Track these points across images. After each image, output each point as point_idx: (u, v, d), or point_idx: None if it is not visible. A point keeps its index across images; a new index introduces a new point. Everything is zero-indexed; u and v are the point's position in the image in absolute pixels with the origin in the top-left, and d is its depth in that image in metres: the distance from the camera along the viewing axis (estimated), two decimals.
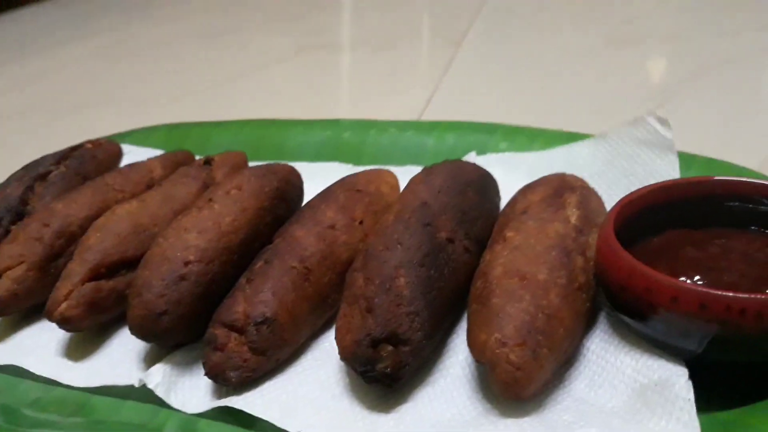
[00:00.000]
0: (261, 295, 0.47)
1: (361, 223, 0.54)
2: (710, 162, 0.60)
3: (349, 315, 0.44)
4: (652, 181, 0.56)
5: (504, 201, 0.57)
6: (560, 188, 0.51)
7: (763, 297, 0.37)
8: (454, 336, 0.48)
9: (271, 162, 0.73)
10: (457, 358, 0.46)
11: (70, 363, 0.52)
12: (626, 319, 0.43)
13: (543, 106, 0.87)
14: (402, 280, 0.44)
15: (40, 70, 1.46)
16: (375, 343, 0.42)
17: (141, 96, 1.20)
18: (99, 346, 0.53)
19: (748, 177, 0.54)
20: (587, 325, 0.45)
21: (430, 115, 0.90)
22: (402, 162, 0.71)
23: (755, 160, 0.65)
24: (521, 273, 0.43)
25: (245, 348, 0.45)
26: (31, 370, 0.51)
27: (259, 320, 0.45)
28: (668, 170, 0.57)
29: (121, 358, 0.51)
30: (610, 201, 0.51)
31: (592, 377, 0.43)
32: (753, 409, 0.38)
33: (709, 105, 0.83)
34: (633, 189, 0.57)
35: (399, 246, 0.46)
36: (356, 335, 0.42)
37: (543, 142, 0.67)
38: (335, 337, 0.44)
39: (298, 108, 1.04)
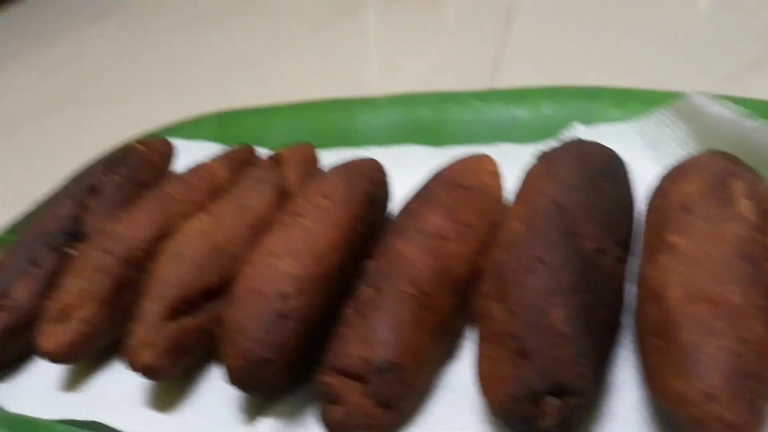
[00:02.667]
0: (378, 335, 0.39)
1: (472, 227, 0.46)
2: None
3: (494, 358, 0.36)
4: None
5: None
6: (721, 174, 0.42)
7: None
8: (614, 367, 0.40)
9: (343, 149, 0.66)
10: (626, 398, 0.38)
11: (156, 416, 0.45)
12: None
13: (638, 62, 0.76)
14: (557, 312, 0.36)
15: (67, 55, 1.38)
16: (535, 397, 0.34)
17: (174, 79, 1.12)
18: (187, 395, 0.46)
19: None
20: None
21: (501, 82, 0.79)
22: (490, 139, 0.62)
23: None
24: (708, 295, 0.35)
25: (369, 401, 0.38)
26: (116, 428, 0.44)
27: (382, 367, 0.38)
28: None
29: (215, 410, 0.44)
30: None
31: None
32: None
33: None
34: None
35: (542, 266, 0.38)
36: (511, 388, 0.35)
37: (662, 107, 0.57)
38: (479, 385, 0.37)
39: (345, 81, 0.95)
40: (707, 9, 0.84)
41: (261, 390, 0.41)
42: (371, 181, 0.51)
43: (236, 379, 0.40)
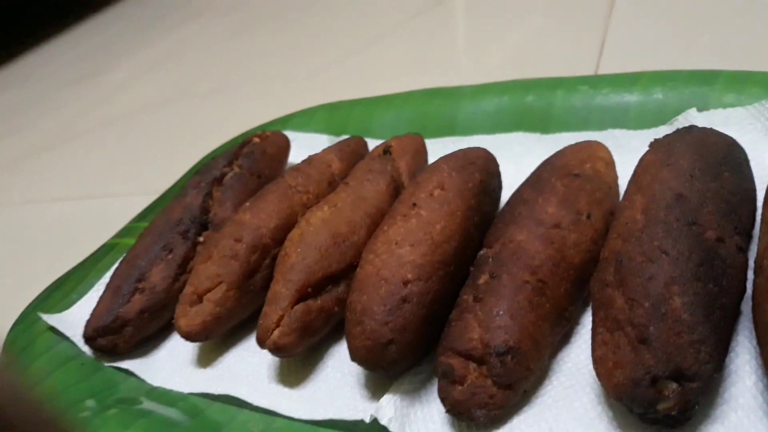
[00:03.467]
0: (498, 320, 0.41)
1: (588, 217, 0.47)
2: None
3: (613, 345, 0.37)
4: None
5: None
6: None
7: None
8: (732, 354, 0.40)
9: (448, 138, 0.67)
10: (744, 384, 0.38)
11: (286, 391, 0.49)
12: None
13: (750, 43, 0.73)
14: (677, 300, 0.36)
15: (175, 50, 1.46)
16: (655, 381, 0.35)
17: (280, 71, 1.16)
18: (313, 372, 0.49)
19: None
20: None
21: (608, 68, 0.78)
22: (600, 126, 0.61)
23: None
24: None
25: (489, 381, 0.40)
26: (249, 401, 0.48)
27: (502, 350, 0.40)
28: None
29: (340, 386, 0.47)
30: None
31: None
32: None
33: None
34: None
35: (664, 255, 0.38)
36: (631, 372, 0.36)
37: None
38: (597, 371, 0.38)
39: (442, 69, 0.96)
40: None
41: (384, 368, 0.43)
42: (483, 171, 0.52)
43: (361, 357, 0.43)
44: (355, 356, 0.44)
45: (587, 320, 0.45)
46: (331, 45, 1.18)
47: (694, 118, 0.56)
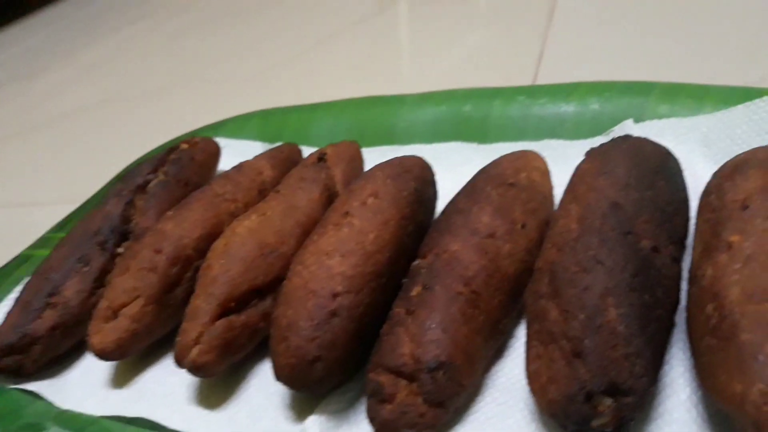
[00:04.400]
0: (430, 333, 0.39)
1: (523, 227, 0.45)
2: None
3: (547, 358, 0.36)
4: None
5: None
6: None
7: None
8: (667, 367, 0.39)
9: (386, 147, 0.66)
10: (679, 398, 0.37)
11: (205, 413, 0.45)
12: None
13: (684, 56, 0.74)
14: (613, 312, 0.35)
15: (108, 54, 1.40)
16: (590, 397, 0.34)
17: (215, 75, 1.13)
18: (235, 392, 0.46)
19: None
20: None
21: (546, 77, 0.78)
22: (537, 136, 0.61)
23: None
24: None
25: (420, 399, 0.38)
26: (164, 424, 0.45)
27: (433, 366, 0.38)
28: None
29: (263, 407, 0.44)
30: None
31: None
32: None
33: None
34: None
35: (599, 265, 0.37)
36: (565, 388, 0.34)
37: (714, 102, 0.55)
38: (531, 386, 0.36)
39: (384, 76, 0.94)
40: (757, 3, 0.82)
41: (310, 387, 0.41)
42: (419, 179, 0.51)
43: (286, 376, 0.40)
44: (279, 375, 0.41)
45: (522, 333, 0.43)
46: (271, 51, 1.15)
47: (630, 128, 0.56)
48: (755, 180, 0.41)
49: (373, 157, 0.63)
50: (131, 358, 0.50)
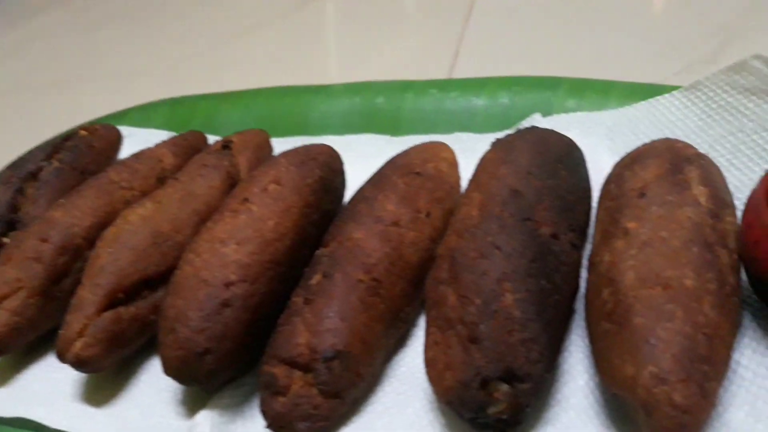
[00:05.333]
0: (327, 322, 0.37)
1: (428, 215, 0.45)
2: None
3: (444, 345, 0.35)
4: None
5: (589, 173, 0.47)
6: (675, 160, 0.42)
7: None
8: (565, 354, 0.39)
9: (297, 138, 0.64)
10: (576, 384, 0.37)
11: (92, 411, 0.42)
12: None
13: (592, 54, 0.76)
14: (509, 297, 0.35)
15: (17, 41, 1.33)
16: (485, 384, 0.33)
17: (128, 66, 1.08)
18: (123, 387, 0.44)
19: None
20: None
21: (461, 72, 0.78)
22: (448, 129, 0.61)
23: None
24: (663, 280, 0.34)
25: (314, 391, 0.36)
26: (46, 424, 0.42)
27: (330, 355, 0.36)
28: None
29: (153, 403, 0.42)
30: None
31: (754, 403, 0.34)
32: None
33: None
34: (743, 148, 0.49)
35: (497, 251, 0.36)
36: (461, 374, 0.33)
37: (618, 97, 0.57)
38: (428, 374, 0.35)
39: (304, 71, 0.93)
40: (664, 4, 0.85)
41: (200, 381, 0.39)
42: (325, 167, 0.49)
43: (174, 369, 0.38)
44: (167, 368, 0.38)
45: (424, 322, 0.42)
46: (189, 42, 1.11)
47: (538, 122, 0.56)
48: (653, 169, 0.41)
49: (283, 148, 0.60)
50: (13, 354, 0.47)
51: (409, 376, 0.39)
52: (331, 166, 0.50)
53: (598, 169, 0.49)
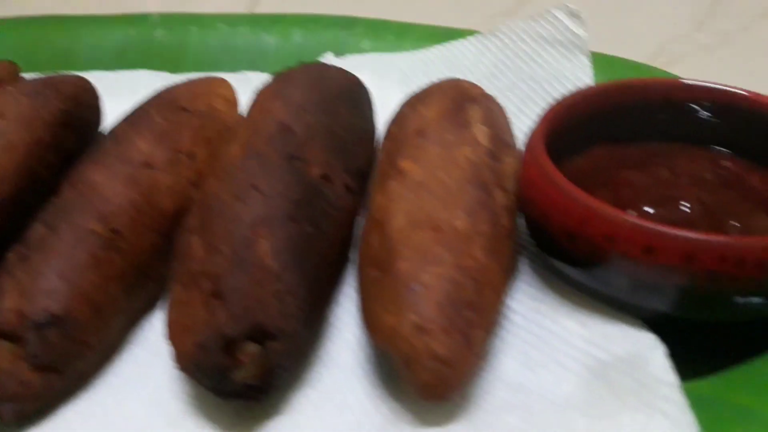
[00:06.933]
0: (42, 282, 0.30)
1: (191, 157, 0.38)
2: (611, 60, 0.50)
3: (185, 302, 0.30)
4: (559, 87, 0.47)
5: (379, 116, 0.44)
6: (459, 99, 0.39)
7: (765, 242, 0.27)
8: (334, 306, 0.35)
9: (53, 74, 0.55)
10: (344, 340, 0.33)
11: None
12: (570, 271, 0.33)
13: None
14: (264, 244, 0.30)
15: None
16: (230, 345, 0.28)
17: None
18: None
19: (662, 77, 0.46)
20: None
21: (265, 8, 0.72)
22: (236, 67, 0.55)
23: (643, 53, 0.57)
24: (433, 221, 0.31)
25: (23, 364, 0.29)
26: None
27: (42, 321, 0.29)
28: (578, 74, 0.47)
29: None
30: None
31: (527, 352, 0.32)
32: (732, 379, 0.30)
33: None
34: (534, 96, 0.48)
35: (256, 193, 0.31)
36: (200, 335, 0.28)
37: (415, 40, 0.54)
38: (170, 339, 0.30)
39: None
40: None
41: None
42: (70, 100, 0.41)
43: None
44: None
45: None
46: None
47: (329, 61, 0.52)
48: (435, 108, 0.38)
49: None
50: None
51: (155, 342, 0.33)
52: (79, 100, 0.42)
53: (390, 112, 0.46)
